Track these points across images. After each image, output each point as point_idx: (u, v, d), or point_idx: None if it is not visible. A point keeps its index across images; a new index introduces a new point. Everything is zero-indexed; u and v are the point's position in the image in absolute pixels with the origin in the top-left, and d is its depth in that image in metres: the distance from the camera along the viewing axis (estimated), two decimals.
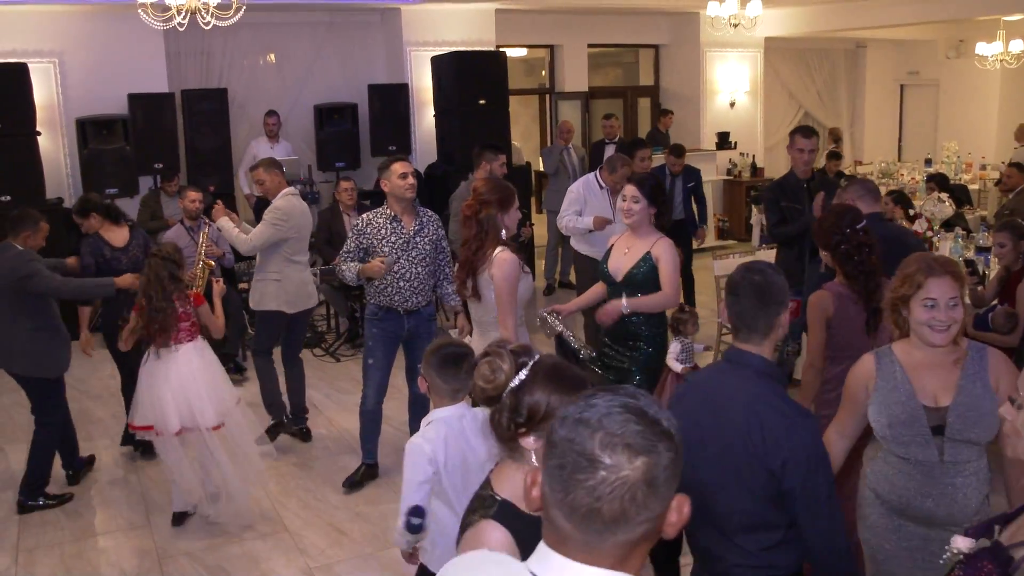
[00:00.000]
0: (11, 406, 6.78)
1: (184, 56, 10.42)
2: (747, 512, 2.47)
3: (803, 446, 2.39)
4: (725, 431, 2.46)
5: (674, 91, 14.06)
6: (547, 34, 12.81)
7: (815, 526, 2.42)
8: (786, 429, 2.40)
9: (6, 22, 9.15)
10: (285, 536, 4.88)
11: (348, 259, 5.14)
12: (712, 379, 2.65)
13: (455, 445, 2.99)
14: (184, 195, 7.48)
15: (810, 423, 2.48)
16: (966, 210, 9.95)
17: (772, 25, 13.17)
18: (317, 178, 10.45)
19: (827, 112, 16.11)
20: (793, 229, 5.82)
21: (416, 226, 5.14)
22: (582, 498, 1.31)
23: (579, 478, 1.31)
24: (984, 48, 13.09)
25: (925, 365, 2.88)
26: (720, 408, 2.49)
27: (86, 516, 5.17)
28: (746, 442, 2.41)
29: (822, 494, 2.40)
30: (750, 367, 2.52)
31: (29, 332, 5.14)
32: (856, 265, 3.83)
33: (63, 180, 9.55)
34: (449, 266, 5.34)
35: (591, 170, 10.54)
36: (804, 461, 2.39)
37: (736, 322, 2.56)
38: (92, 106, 9.40)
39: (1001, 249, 5.38)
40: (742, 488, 2.46)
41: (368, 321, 5.31)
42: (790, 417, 2.43)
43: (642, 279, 4.45)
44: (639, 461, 1.31)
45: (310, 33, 11.06)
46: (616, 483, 1.30)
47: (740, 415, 2.45)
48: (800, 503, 2.40)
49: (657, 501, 1.34)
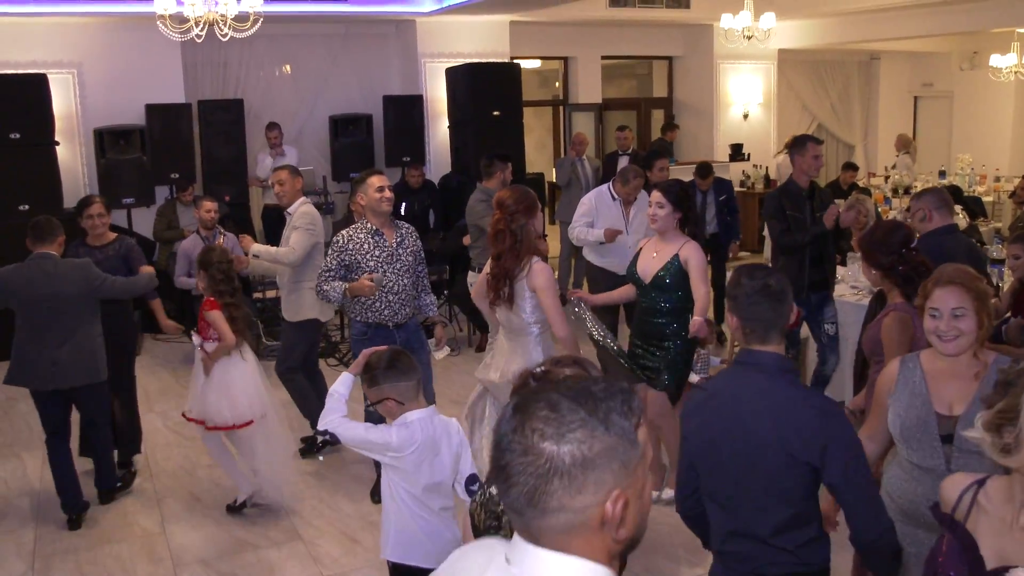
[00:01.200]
0: (28, 413, 6.80)
1: (201, 67, 10.53)
2: (784, 511, 2.51)
3: (840, 436, 2.46)
4: (757, 433, 2.50)
5: (688, 103, 14.09)
6: (561, 46, 12.86)
7: (862, 512, 2.48)
8: (820, 422, 2.46)
9: (26, 33, 9.27)
10: (299, 544, 4.90)
11: (330, 278, 5.03)
12: (732, 384, 2.66)
13: (426, 446, 3.19)
14: (200, 205, 7.55)
15: (840, 413, 2.55)
16: (980, 222, 9.93)
17: (785, 37, 13.19)
18: (332, 188, 10.51)
19: (841, 124, 16.10)
20: (802, 238, 5.83)
21: (397, 239, 5.12)
22: (505, 480, 1.32)
23: (503, 460, 1.33)
24: (998, 60, 13.08)
25: (946, 374, 2.89)
26: (747, 412, 2.52)
27: (101, 523, 5.20)
28: (782, 441, 2.46)
29: (864, 480, 2.48)
30: (770, 366, 2.56)
31: (95, 339, 5.15)
32: (916, 287, 3.62)
33: (80, 189, 9.61)
34: (427, 277, 5.40)
35: (604, 182, 10.57)
36: (844, 450, 2.45)
37: (754, 326, 2.59)
38: (110, 116, 9.50)
39: (1015, 261, 5.33)
40: (780, 487, 2.50)
41: (356, 342, 5.17)
42: (821, 409, 2.50)
43: (669, 281, 4.69)
44: (564, 446, 1.29)
45: (326, 44, 11.15)
46: (530, 467, 1.29)
47: (771, 415, 2.49)
48: (846, 492, 2.46)
49: (584, 488, 1.30)
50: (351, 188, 5.93)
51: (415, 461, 3.18)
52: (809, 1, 12.13)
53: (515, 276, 4.40)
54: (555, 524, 1.31)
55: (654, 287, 4.72)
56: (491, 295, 4.53)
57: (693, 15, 12.31)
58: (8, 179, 8.44)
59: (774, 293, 2.59)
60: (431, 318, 5.39)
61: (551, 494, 1.29)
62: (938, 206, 4.79)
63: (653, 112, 14.38)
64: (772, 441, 2.46)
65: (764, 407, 2.51)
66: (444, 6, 10.36)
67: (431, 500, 3.25)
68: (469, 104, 10.27)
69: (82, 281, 5.04)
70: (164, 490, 5.65)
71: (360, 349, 5.10)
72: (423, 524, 3.25)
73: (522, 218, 4.36)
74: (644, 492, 1.37)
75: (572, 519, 1.30)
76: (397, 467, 3.21)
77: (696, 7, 12.09)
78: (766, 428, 2.47)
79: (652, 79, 14.79)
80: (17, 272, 5.01)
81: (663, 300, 4.77)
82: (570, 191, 10.10)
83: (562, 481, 1.28)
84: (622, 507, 1.31)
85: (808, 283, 5.87)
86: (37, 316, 4.99)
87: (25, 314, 5.03)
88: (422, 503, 3.24)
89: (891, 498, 2.97)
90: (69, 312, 5.01)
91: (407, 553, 3.28)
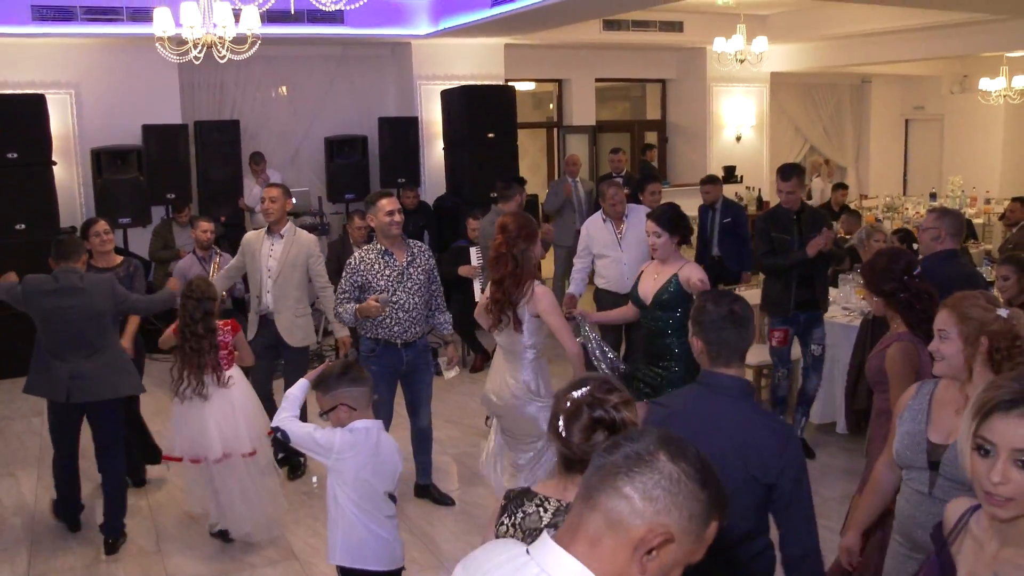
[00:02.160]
0: (23, 432, 6.84)
1: (198, 88, 10.60)
2: (740, 525, 2.58)
3: (796, 459, 2.60)
4: (720, 451, 2.51)
5: (681, 125, 14.21)
6: (555, 68, 12.98)
7: (801, 529, 2.61)
8: (779, 444, 2.57)
9: (25, 54, 9.34)
10: (294, 564, 4.91)
11: (346, 300, 5.17)
12: (693, 403, 2.74)
13: (367, 453, 3.36)
14: (196, 225, 7.58)
15: (794, 435, 2.71)
16: (971, 244, 10.01)
17: (778, 61, 13.32)
18: (327, 209, 10.57)
19: (833, 146, 16.23)
20: (783, 262, 5.92)
21: (408, 257, 5.22)
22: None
23: (635, 470, 1.44)
24: (987, 83, 13.25)
25: (952, 403, 2.91)
26: (709, 431, 2.59)
27: (96, 541, 5.20)
28: (744, 460, 2.54)
29: (807, 500, 2.62)
30: (732, 389, 2.68)
31: (119, 353, 5.13)
32: (918, 314, 3.70)
33: (77, 209, 9.68)
34: (442, 296, 5.45)
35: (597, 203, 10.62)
36: (798, 472, 2.59)
37: (719, 350, 2.69)
38: (107, 137, 9.56)
39: (1004, 283, 5.35)
40: (738, 504, 2.53)
41: (364, 359, 5.26)
42: (779, 432, 2.63)
43: (669, 300, 4.78)
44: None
45: (322, 66, 11.23)
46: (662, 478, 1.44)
47: (735, 435, 2.57)
48: (793, 511, 2.60)
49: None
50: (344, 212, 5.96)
51: (355, 467, 3.36)
52: (801, 25, 12.27)
53: (517, 302, 4.47)
54: (612, 508, 1.43)
55: (656, 307, 4.82)
56: (492, 319, 4.59)
57: (686, 38, 12.43)
58: (5, 198, 8.48)
59: (739, 319, 2.68)
60: (443, 337, 5.45)
61: (633, 479, 1.43)
62: (953, 232, 4.81)
63: (646, 134, 14.49)
64: (734, 461, 2.53)
65: (726, 428, 2.59)
66: (440, 29, 10.46)
67: (374, 507, 3.42)
68: (464, 126, 10.35)
69: (109, 296, 5.00)
70: (159, 509, 5.66)
71: (370, 366, 5.14)
72: (370, 529, 3.41)
73: (523, 243, 4.46)
74: (682, 563, 1.48)
75: (623, 515, 1.42)
76: (339, 471, 3.39)
77: (689, 31, 12.21)
78: (728, 448, 2.54)
79: (646, 102, 14.90)
80: (44, 284, 4.97)
81: (664, 320, 4.85)
82: (563, 214, 10.10)
83: (647, 480, 1.43)
84: (660, 541, 1.42)
85: (795, 303, 5.94)
86: (59, 329, 4.95)
87: (46, 327, 4.99)
88: (365, 509, 3.40)
89: (895, 518, 3.01)
90: (93, 326, 4.96)
91: (356, 557, 3.44)
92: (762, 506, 2.60)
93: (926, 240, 4.94)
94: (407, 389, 5.45)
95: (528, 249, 4.48)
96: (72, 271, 4.99)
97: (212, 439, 4.86)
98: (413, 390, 5.43)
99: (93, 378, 4.95)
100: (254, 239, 6.00)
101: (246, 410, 5.01)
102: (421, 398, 5.47)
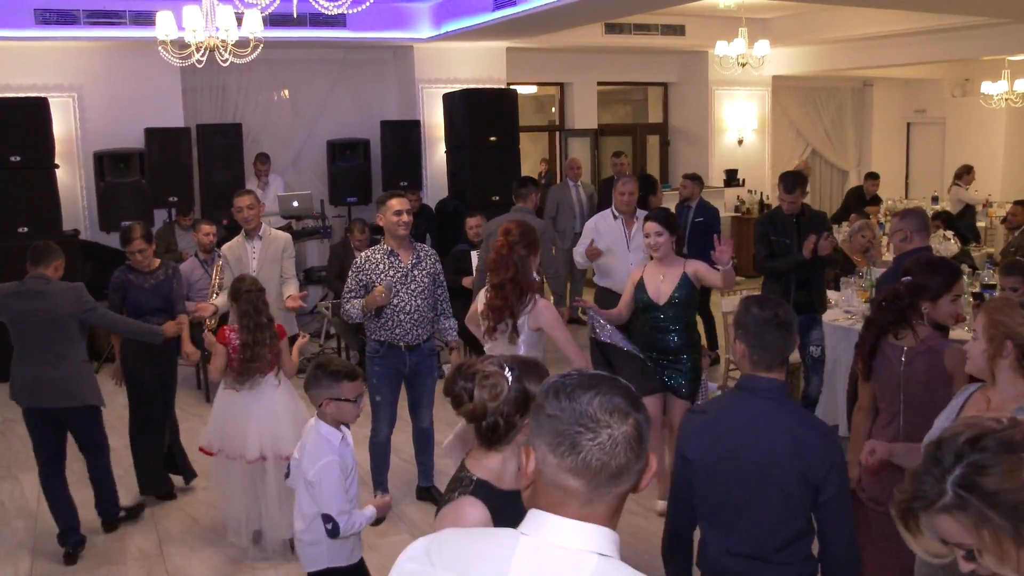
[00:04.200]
0: (26, 435, 6.78)
1: (200, 91, 10.62)
2: (791, 528, 2.65)
3: (841, 459, 2.65)
4: (768, 454, 2.62)
5: (683, 129, 14.21)
6: (557, 72, 12.99)
7: (841, 529, 2.65)
8: (824, 444, 2.63)
9: (28, 57, 9.36)
10: (295, 566, 4.90)
11: (352, 297, 5.21)
12: (736, 408, 2.76)
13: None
14: (198, 228, 7.60)
15: (836, 436, 2.76)
16: (973, 247, 10.01)
17: (779, 64, 13.33)
18: (329, 212, 10.57)
19: (835, 150, 16.23)
20: (782, 265, 5.93)
21: (413, 259, 5.23)
22: (595, 455, 1.48)
23: (587, 438, 1.48)
24: (989, 87, 13.24)
25: (974, 406, 2.96)
26: (757, 433, 2.64)
27: (99, 546, 5.21)
28: (793, 461, 2.59)
29: (847, 499, 2.68)
30: (773, 392, 2.69)
31: (80, 363, 5.09)
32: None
33: (79, 212, 9.70)
34: (448, 301, 5.45)
35: (599, 207, 10.60)
36: (841, 471, 2.64)
37: (761, 355, 2.69)
38: (109, 140, 9.58)
39: (1013, 294, 5.25)
40: (791, 504, 2.63)
41: (370, 360, 5.31)
42: (824, 433, 2.69)
43: (685, 299, 4.94)
44: (631, 419, 1.51)
45: (324, 70, 11.25)
46: (620, 438, 1.49)
47: (783, 437, 2.62)
48: (833, 508, 2.62)
49: (643, 455, 1.53)
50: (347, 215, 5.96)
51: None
52: (803, 28, 12.27)
53: (517, 313, 4.46)
54: (627, 488, 1.53)
55: (670, 307, 4.93)
56: (487, 327, 4.57)
57: (688, 42, 12.45)
58: (8, 202, 8.51)
59: (783, 324, 2.70)
60: (449, 342, 5.45)
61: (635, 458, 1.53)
62: (919, 228, 4.91)
63: (648, 138, 14.50)
64: (786, 462, 2.59)
65: (775, 430, 2.63)
66: (441, 32, 10.48)
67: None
68: (466, 129, 10.36)
69: (72, 302, 5.02)
70: (161, 512, 5.66)
71: (374, 366, 5.25)
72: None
73: (523, 250, 4.49)
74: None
75: (636, 480, 1.54)
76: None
77: (691, 34, 12.22)
78: (780, 451, 2.59)
79: (647, 105, 14.91)
80: (11, 288, 5.05)
81: (677, 317, 4.97)
82: (562, 217, 10.08)
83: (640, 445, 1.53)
84: (655, 463, 1.54)
85: (793, 306, 5.95)
86: (24, 332, 5.00)
87: (14, 330, 5.04)
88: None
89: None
90: (56, 331, 4.98)
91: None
92: (810, 506, 2.64)
93: (896, 243, 5.05)
94: (410, 390, 5.46)
95: (527, 257, 4.48)
96: (39, 276, 5.04)
97: (251, 439, 4.80)
98: (415, 391, 5.44)
99: (57, 384, 4.96)
100: (236, 246, 6.34)
101: (289, 414, 4.92)
102: (423, 400, 5.47)
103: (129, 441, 5.80)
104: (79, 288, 5.14)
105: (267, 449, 4.82)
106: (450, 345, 5.46)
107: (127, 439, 5.81)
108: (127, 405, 5.80)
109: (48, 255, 5.12)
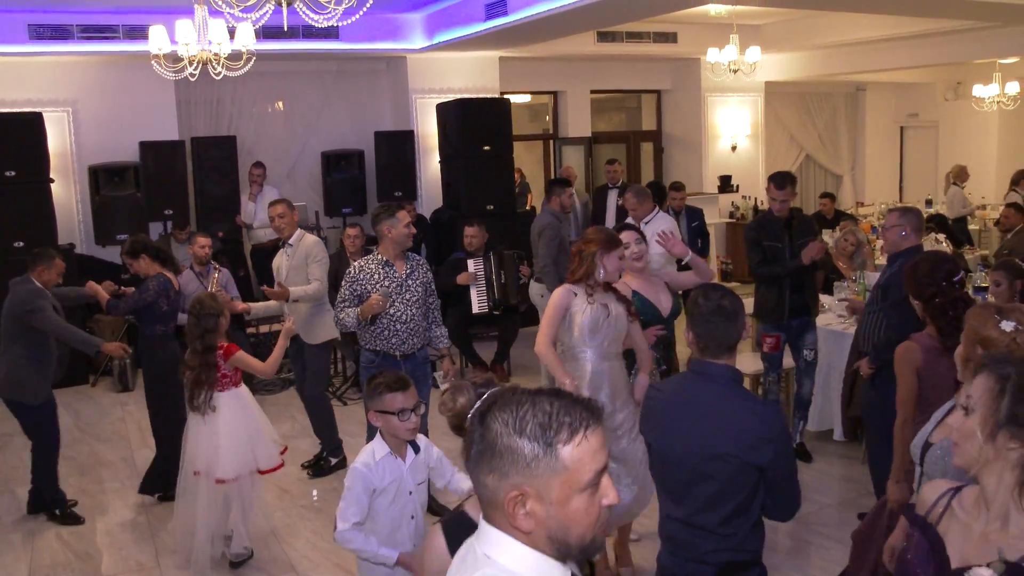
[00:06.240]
0: (22, 448, 6.81)
1: (194, 104, 10.64)
2: (731, 503, 2.77)
3: (783, 433, 2.81)
4: (714, 434, 2.77)
5: (676, 135, 14.26)
6: (550, 80, 13.03)
7: (788, 492, 2.84)
8: (770, 427, 2.76)
9: (23, 72, 9.38)
10: None
11: (346, 306, 5.21)
12: (686, 390, 2.93)
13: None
14: (194, 241, 7.60)
15: (781, 413, 2.92)
16: (966, 250, 10.05)
17: (772, 70, 13.38)
18: (324, 223, 10.59)
19: (828, 154, 16.28)
20: (777, 270, 5.96)
21: (407, 269, 5.27)
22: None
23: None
24: (981, 90, 13.30)
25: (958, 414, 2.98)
26: (704, 414, 2.81)
27: (96, 558, 5.22)
28: (737, 442, 2.73)
29: (793, 467, 2.88)
30: (723, 377, 2.85)
31: (17, 359, 5.53)
32: (950, 321, 3.63)
33: (75, 226, 9.71)
34: (438, 310, 5.51)
35: (594, 215, 10.64)
36: (785, 445, 2.82)
37: (708, 342, 2.85)
38: (104, 154, 9.60)
39: (997, 288, 5.35)
40: (732, 483, 2.76)
41: (364, 370, 5.32)
42: (769, 415, 2.81)
43: (680, 309, 4.99)
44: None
45: (318, 81, 11.28)
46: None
47: (729, 419, 2.77)
48: (782, 480, 2.80)
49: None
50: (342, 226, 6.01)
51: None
52: (794, 34, 12.32)
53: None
54: (481, 495, 1.56)
55: (673, 316, 5.02)
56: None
57: (680, 49, 12.49)
58: (3, 216, 8.52)
59: (727, 313, 2.83)
60: (440, 351, 5.47)
61: (480, 468, 1.55)
62: (916, 228, 4.94)
63: (642, 145, 14.54)
64: (728, 443, 2.73)
65: (719, 412, 2.79)
66: (434, 43, 10.51)
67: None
68: (460, 139, 10.38)
69: (17, 303, 5.52)
70: (158, 524, 5.66)
71: (368, 376, 5.23)
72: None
73: (595, 247, 4.44)
74: (569, 503, 1.50)
75: (485, 494, 1.54)
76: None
77: (683, 41, 12.26)
78: (722, 431, 2.75)
79: (641, 112, 14.95)
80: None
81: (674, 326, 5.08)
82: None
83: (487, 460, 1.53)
84: (515, 501, 1.50)
85: (788, 309, 5.99)
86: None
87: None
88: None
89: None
90: (5, 327, 5.57)
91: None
92: (754, 483, 2.76)
93: (893, 238, 4.99)
94: None
95: (597, 254, 4.42)
96: (22, 279, 5.62)
97: (224, 459, 4.81)
98: None
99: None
100: (278, 256, 6.43)
101: (249, 431, 4.93)
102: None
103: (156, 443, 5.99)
104: (30, 291, 5.56)
105: (239, 468, 4.86)
106: (441, 352, 5.48)
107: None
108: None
109: (34, 260, 5.67)
